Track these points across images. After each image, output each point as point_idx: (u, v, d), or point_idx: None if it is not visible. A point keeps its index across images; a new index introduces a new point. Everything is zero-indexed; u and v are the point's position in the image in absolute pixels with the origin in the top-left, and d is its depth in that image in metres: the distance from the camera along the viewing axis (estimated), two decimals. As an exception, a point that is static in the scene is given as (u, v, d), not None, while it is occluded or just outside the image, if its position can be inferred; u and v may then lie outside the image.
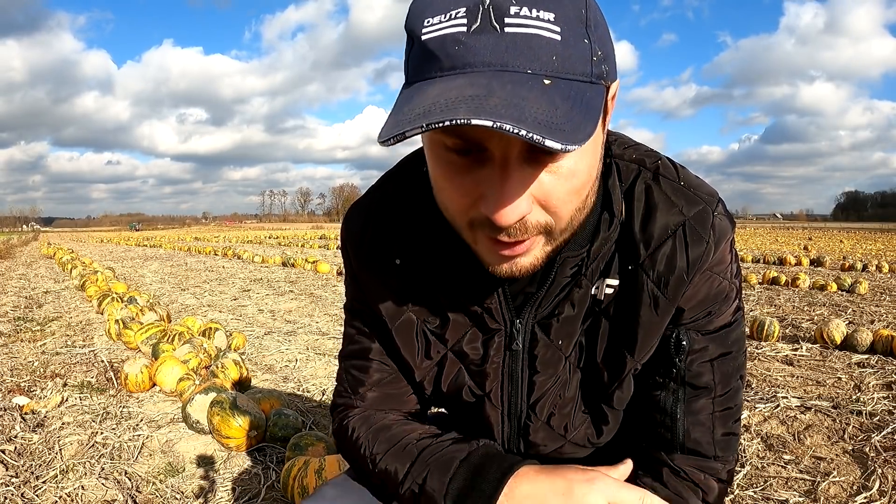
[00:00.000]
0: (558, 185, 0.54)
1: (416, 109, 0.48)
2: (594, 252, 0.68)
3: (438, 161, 0.56)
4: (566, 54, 0.49)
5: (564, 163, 0.54)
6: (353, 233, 0.79)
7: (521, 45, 0.48)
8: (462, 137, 0.52)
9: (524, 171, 0.53)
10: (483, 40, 0.48)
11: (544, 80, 0.48)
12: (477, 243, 0.60)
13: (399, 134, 0.46)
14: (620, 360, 0.72)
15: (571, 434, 0.79)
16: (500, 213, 0.53)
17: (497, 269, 0.61)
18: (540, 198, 0.55)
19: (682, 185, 0.69)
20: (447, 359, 0.77)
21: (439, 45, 0.50)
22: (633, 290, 0.69)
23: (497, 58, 0.48)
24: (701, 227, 0.67)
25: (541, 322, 0.73)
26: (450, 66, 0.49)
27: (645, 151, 0.72)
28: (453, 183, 0.56)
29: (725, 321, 0.72)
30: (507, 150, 0.51)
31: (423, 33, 0.51)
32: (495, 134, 0.50)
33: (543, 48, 0.48)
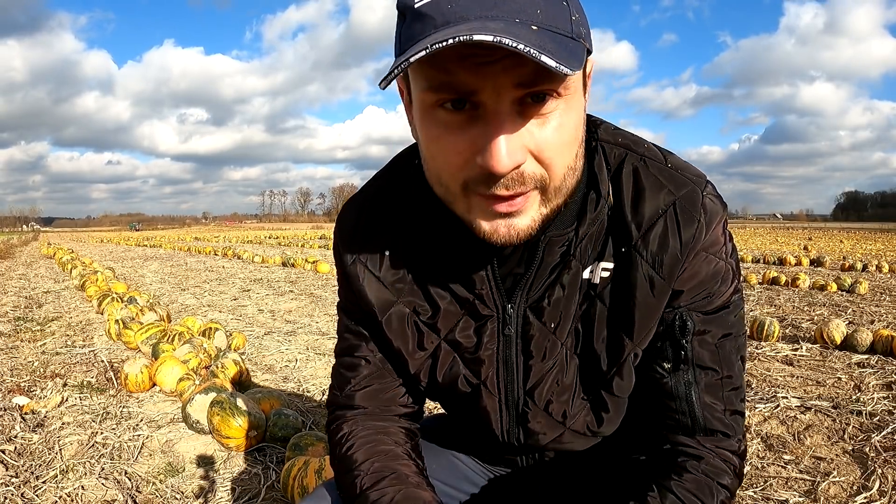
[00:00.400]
0: (550, 136, 0.57)
1: (414, 50, 0.51)
2: (581, 232, 0.69)
3: (431, 122, 0.58)
4: (548, 10, 0.54)
5: (553, 115, 0.56)
6: (345, 226, 0.80)
7: (508, 1, 0.52)
8: (456, 88, 0.54)
9: (515, 121, 0.55)
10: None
11: (532, 26, 0.52)
12: (471, 210, 0.61)
13: (403, 62, 0.50)
14: (619, 344, 0.72)
15: (570, 421, 0.79)
16: (497, 160, 0.54)
17: (494, 235, 0.61)
18: (533, 149, 0.57)
19: (669, 167, 0.70)
20: (441, 349, 0.78)
21: (433, 6, 0.54)
22: (628, 272, 0.70)
23: (487, 10, 0.52)
24: (691, 206, 0.68)
25: (532, 306, 0.73)
26: (443, 21, 0.53)
27: (631, 137, 0.74)
28: (447, 142, 0.58)
29: (724, 301, 0.72)
30: (499, 99, 0.54)
31: (416, 2, 0.54)
32: (488, 82, 0.53)
33: (528, 3, 0.53)
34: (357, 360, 0.83)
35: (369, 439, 0.80)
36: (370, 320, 0.80)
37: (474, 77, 0.53)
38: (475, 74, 0.53)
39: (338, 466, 0.81)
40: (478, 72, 0.52)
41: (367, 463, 0.77)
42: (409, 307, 0.77)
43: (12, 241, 25.82)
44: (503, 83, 0.53)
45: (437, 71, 0.54)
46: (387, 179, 0.79)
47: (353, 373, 0.83)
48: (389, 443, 0.80)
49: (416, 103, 0.60)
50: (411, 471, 0.77)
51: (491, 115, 0.54)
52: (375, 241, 0.77)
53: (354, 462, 0.78)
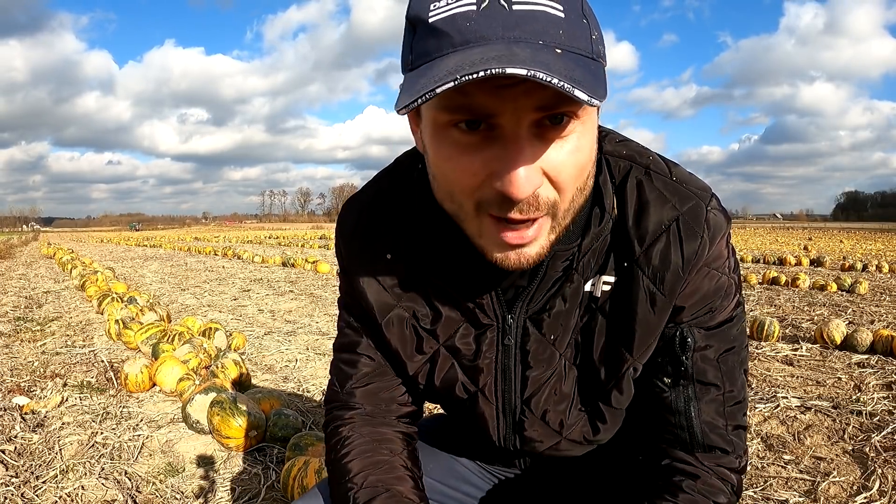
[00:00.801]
0: (566, 159, 0.55)
1: (438, 74, 0.49)
2: (585, 247, 0.68)
3: (444, 142, 0.56)
4: (570, 30, 0.52)
5: (570, 138, 0.55)
6: (346, 227, 0.79)
7: (530, 20, 0.50)
8: (473, 111, 0.52)
9: (534, 144, 0.54)
10: (493, 17, 0.50)
11: (556, 50, 0.50)
12: (482, 234, 0.60)
13: (429, 91, 0.47)
14: (618, 357, 0.72)
15: (567, 431, 0.79)
16: (516, 187, 0.53)
17: (505, 262, 0.60)
18: (550, 172, 0.55)
19: (674, 180, 0.69)
20: (440, 354, 0.77)
21: (449, 23, 0.51)
22: (629, 286, 0.69)
23: (509, 31, 0.50)
24: (695, 222, 0.67)
25: (532, 317, 0.73)
26: (462, 41, 0.50)
27: (636, 148, 0.72)
28: (460, 163, 0.56)
29: (726, 316, 0.72)
30: (518, 122, 0.52)
31: (430, 16, 0.52)
32: (508, 105, 0.51)
33: (550, 23, 0.51)
34: (358, 356, 0.83)
35: (366, 448, 0.80)
36: (370, 320, 0.80)
37: (494, 100, 0.51)
38: (495, 98, 0.51)
39: (332, 472, 0.81)
40: (498, 95, 0.51)
41: (362, 475, 0.77)
42: (409, 311, 0.76)
43: (12, 241, 25.81)
44: (523, 106, 0.51)
45: (455, 92, 0.50)
46: (388, 182, 0.79)
47: (354, 369, 0.83)
48: (385, 453, 0.80)
49: (428, 121, 0.58)
50: (407, 487, 0.77)
51: (510, 138, 0.53)
52: (377, 244, 0.76)
53: (349, 472, 0.78)
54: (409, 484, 0.77)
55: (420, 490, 0.79)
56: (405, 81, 0.54)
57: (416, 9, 0.54)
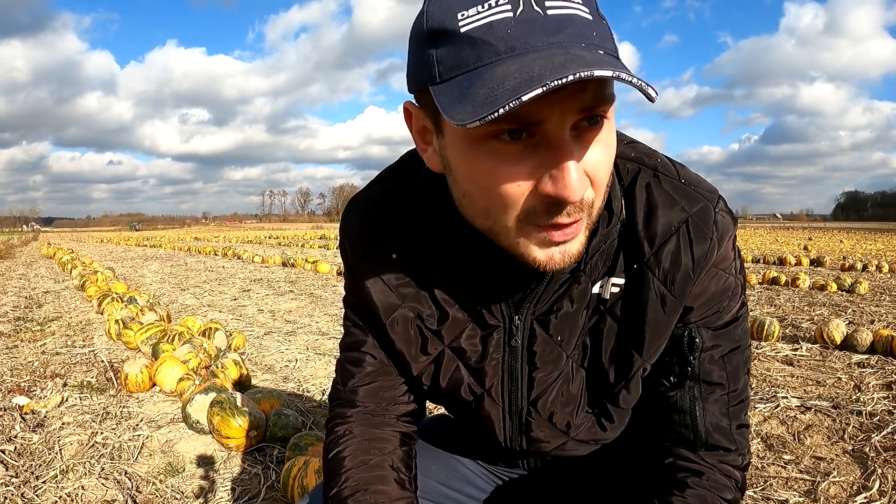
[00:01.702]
0: (600, 157, 0.56)
1: (507, 81, 0.48)
2: (592, 248, 0.68)
3: (482, 156, 0.55)
4: (600, 31, 0.52)
5: (601, 137, 0.55)
6: (351, 226, 0.79)
7: (567, 24, 0.51)
8: (521, 119, 0.51)
9: (576, 146, 0.54)
10: (533, 22, 0.50)
11: (598, 51, 0.51)
12: (524, 243, 0.59)
13: (514, 99, 0.46)
14: (628, 359, 0.72)
15: (574, 431, 0.79)
16: (571, 189, 0.53)
17: (549, 263, 0.59)
18: (591, 173, 0.56)
19: (682, 182, 0.69)
20: (444, 355, 0.77)
21: (487, 32, 0.50)
22: (639, 288, 0.69)
23: (551, 37, 0.50)
24: (704, 224, 0.67)
25: (539, 318, 0.73)
26: (507, 48, 0.50)
27: (644, 150, 0.73)
28: (503, 175, 0.55)
29: (732, 317, 0.73)
30: (563, 126, 0.52)
31: (462, 26, 0.51)
32: (555, 110, 0.51)
33: (585, 26, 0.52)
34: (362, 355, 0.83)
35: (358, 447, 0.80)
36: (375, 320, 0.80)
37: (543, 106, 0.50)
38: (545, 103, 0.49)
39: (326, 469, 0.82)
40: (546, 100, 0.49)
41: (348, 473, 0.78)
42: (414, 312, 0.76)
43: (12, 241, 25.81)
44: (568, 109, 0.51)
45: None
46: (393, 182, 0.78)
47: (358, 368, 0.83)
48: (376, 452, 0.80)
49: (458, 135, 0.56)
50: (391, 487, 0.77)
51: (555, 143, 0.52)
52: (382, 244, 0.76)
53: (340, 469, 0.79)
54: (392, 484, 0.78)
55: (405, 489, 0.79)
56: (440, 94, 0.53)
57: (440, 18, 0.52)
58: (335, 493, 0.77)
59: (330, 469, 0.81)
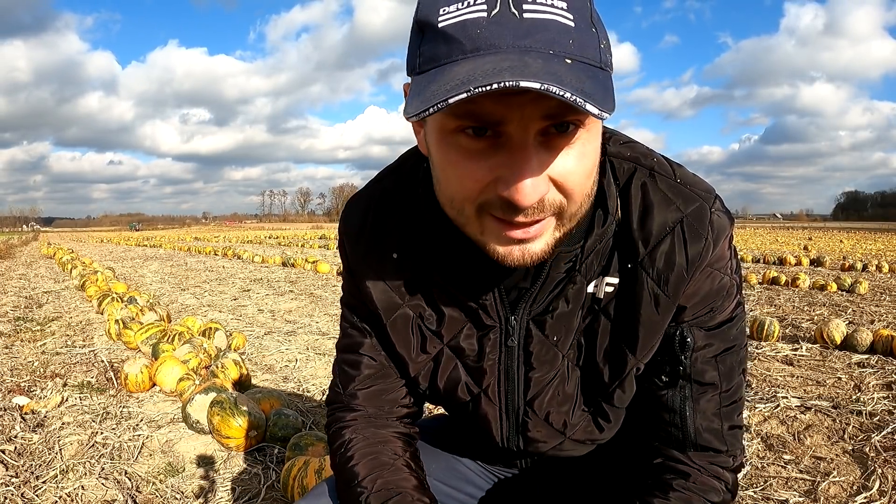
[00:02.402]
0: (572, 166, 0.55)
1: (450, 82, 0.49)
2: (588, 248, 0.68)
3: (450, 147, 0.56)
4: (580, 39, 0.51)
5: (575, 145, 0.55)
6: (351, 226, 0.79)
7: (541, 29, 0.50)
8: (481, 118, 0.52)
9: (540, 153, 0.54)
10: (504, 24, 0.50)
11: (566, 59, 0.50)
12: (484, 233, 0.60)
13: (441, 101, 0.47)
14: (622, 358, 0.72)
15: (570, 431, 0.79)
16: (523, 195, 0.53)
17: (508, 258, 0.60)
18: (557, 179, 0.55)
19: (678, 182, 0.69)
20: (443, 354, 0.78)
21: (460, 29, 0.51)
22: (633, 288, 0.69)
23: (519, 40, 0.50)
24: (699, 223, 0.67)
25: (535, 318, 0.73)
26: (472, 47, 0.50)
27: (640, 150, 0.72)
28: (466, 169, 0.56)
29: (727, 317, 0.72)
30: (526, 131, 0.52)
31: (440, 21, 0.52)
32: (516, 113, 0.51)
33: (561, 32, 0.51)
34: (360, 357, 0.82)
35: (370, 451, 0.80)
36: (374, 320, 0.80)
37: (502, 108, 0.51)
38: (503, 106, 0.51)
39: (339, 476, 0.81)
40: (506, 103, 0.50)
41: (370, 479, 0.77)
42: (414, 311, 0.76)
43: (12, 241, 25.81)
44: (530, 115, 0.51)
45: None
46: (393, 182, 0.78)
47: (356, 371, 0.83)
48: (389, 454, 0.80)
49: (434, 125, 0.58)
50: (415, 488, 0.77)
51: (517, 146, 0.53)
52: (383, 244, 0.76)
53: (357, 475, 0.78)
54: (415, 483, 0.78)
55: (426, 489, 0.79)
56: (413, 86, 0.54)
57: (426, 12, 0.53)
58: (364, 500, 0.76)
59: (344, 475, 0.80)
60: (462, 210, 0.59)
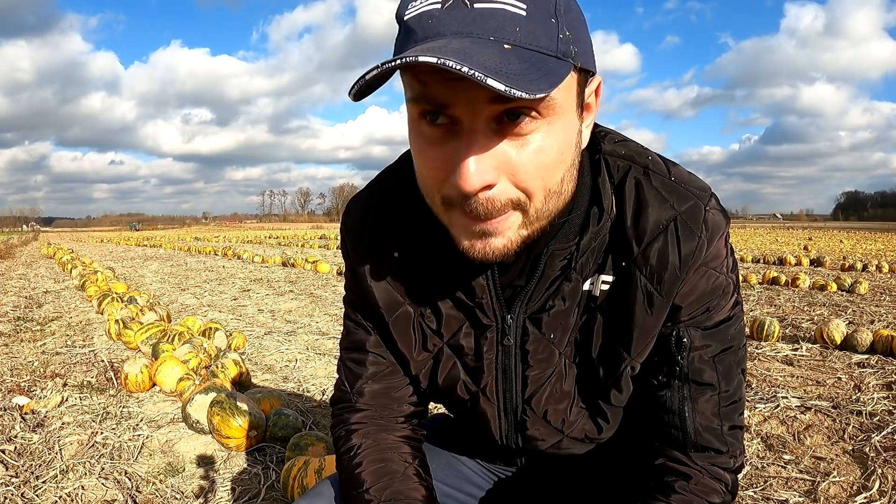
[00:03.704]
0: (527, 158, 0.55)
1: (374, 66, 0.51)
2: (583, 246, 0.68)
3: (416, 135, 0.59)
4: (530, 27, 0.52)
5: (533, 137, 0.55)
6: (352, 225, 0.79)
7: (487, 17, 0.52)
8: (430, 101, 0.54)
9: (490, 139, 0.54)
10: (453, 14, 0.52)
11: (504, 45, 0.51)
12: (452, 225, 0.61)
13: (360, 79, 0.50)
14: (616, 357, 0.72)
15: (569, 429, 0.79)
16: (465, 179, 0.54)
17: (471, 251, 0.61)
18: (508, 171, 0.56)
19: (672, 180, 0.69)
20: (443, 353, 0.78)
21: (416, 21, 0.54)
22: (627, 286, 0.69)
23: (463, 27, 0.52)
24: (693, 221, 0.67)
25: (532, 316, 0.73)
26: (423, 36, 0.53)
27: (635, 148, 0.72)
28: (428, 157, 0.58)
29: (724, 316, 0.72)
30: (474, 115, 0.53)
31: (406, 15, 0.55)
32: (461, 97, 0.53)
33: (508, 21, 0.52)
34: (365, 355, 0.83)
35: (378, 457, 0.80)
36: (377, 318, 0.80)
37: (446, 91, 0.53)
38: (449, 89, 0.52)
39: (345, 481, 0.81)
40: (449, 86, 0.52)
41: (378, 487, 0.77)
42: (416, 309, 0.77)
43: (12, 240, 25.81)
44: (476, 98, 0.52)
45: (417, 82, 0.54)
46: (393, 181, 0.79)
47: (362, 368, 0.83)
48: (398, 462, 0.80)
49: (407, 115, 0.60)
50: (421, 495, 0.77)
51: (465, 132, 0.54)
52: (384, 243, 0.76)
53: (363, 482, 0.78)
54: (423, 493, 0.78)
55: (433, 499, 0.79)
56: None
57: (400, 9, 0.57)
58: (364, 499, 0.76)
59: (350, 481, 0.79)
60: (433, 200, 0.61)
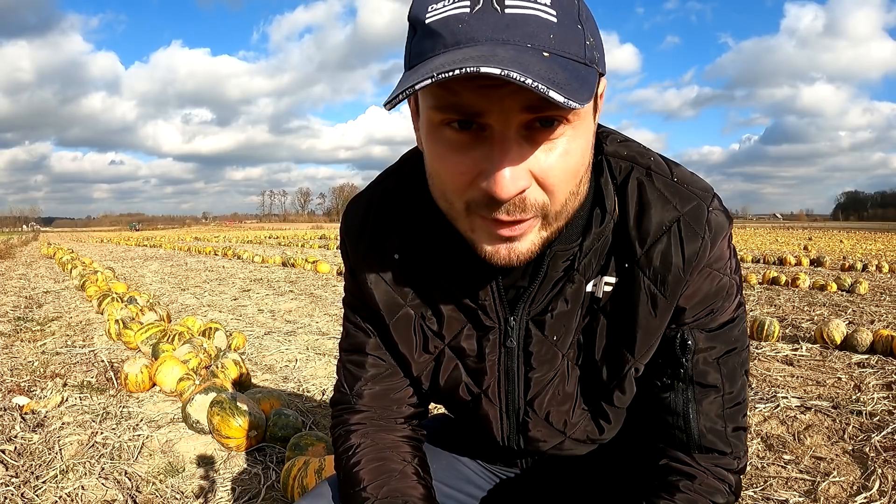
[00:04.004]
0: (555, 162, 0.56)
1: (421, 72, 0.50)
2: (586, 247, 0.68)
3: (437, 140, 0.57)
4: (562, 35, 0.52)
5: (559, 141, 0.55)
6: (353, 227, 0.79)
7: (521, 23, 0.51)
8: (462, 110, 0.53)
9: (522, 146, 0.54)
10: (485, 19, 0.51)
11: (543, 52, 0.51)
12: (474, 230, 0.60)
13: (408, 87, 0.48)
14: (620, 358, 0.72)
15: (571, 430, 0.79)
16: (500, 186, 0.53)
17: (495, 256, 0.60)
18: (538, 175, 0.56)
19: (675, 181, 0.69)
20: (445, 354, 0.77)
21: (443, 24, 0.52)
22: (630, 287, 0.69)
23: (498, 34, 0.51)
24: (696, 223, 0.67)
25: (534, 318, 0.73)
26: (453, 41, 0.52)
27: (637, 149, 0.72)
28: (451, 162, 0.57)
29: (728, 318, 0.72)
30: (506, 123, 0.53)
31: (427, 18, 0.53)
32: (495, 105, 0.52)
33: (541, 27, 0.51)
34: (365, 357, 0.82)
35: (376, 456, 0.80)
36: (377, 320, 0.80)
37: (481, 100, 0.52)
38: (482, 98, 0.52)
39: (343, 480, 0.81)
40: (485, 95, 0.51)
41: (376, 485, 0.77)
42: (416, 311, 0.76)
43: (12, 241, 25.81)
44: (510, 107, 0.52)
45: (445, 91, 0.52)
46: (394, 181, 0.78)
47: (361, 370, 0.83)
48: (397, 461, 0.80)
49: (424, 119, 0.59)
50: (419, 494, 0.77)
51: (497, 139, 0.53)
52: (385, 244, 0.76)
53: (361, 480, 0.78)
54: (421, 492, 0.77)
55: (433, 497, 0.79)
56: (403, 79, 0.55)
57: (416, 10, 0.55)
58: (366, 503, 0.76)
59: (349, 479, 0.79)
60: (452, 205, 0.60)
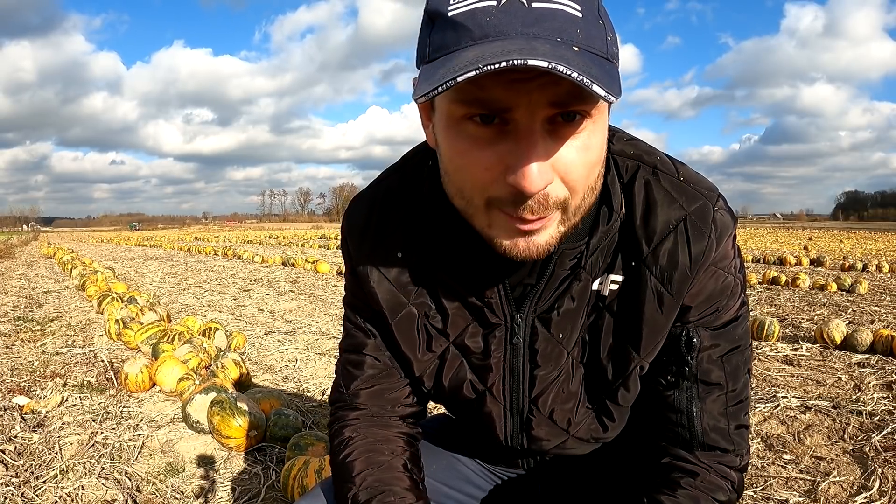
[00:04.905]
0: (576, 157, 0.56)
1: (459, 64, 0.49)
2: (593, 245, 0.68)
3: (458, 135, 0.56)
4: (587, 30, 0.52)
5: (581, 136, 0.55)
6: (355, 225, 0.79)
7: (549, 18, 0.51)
8: (488, 104, 0.53)
9: (546, 141, 0.54)
10: (513, 13, 0.51)
11: (573, 47, 0.51)
12: (492, 226, 0.60)
13: (450, 79, 0.48)
14: (625, 356, 0.72)
15: (574, 429, 0.79)
16: (529, 181, 0.53)
17: (514, 250, 0.60)
18: (560, 169, 0.55)
19: (681, 180, 0.69)
20: (449, 352, 0.77)
21: (469, 18, 0.52)
22: (636, 286, 0.69)
23: (528, 28, 0.50)
24: (702, 222, 0.67)
25: (541, 316, 0.73)
26: (482, 34, 0.51)
27: (643, 148, 0.72)
28: (474, 157, 0.56)
29: (732, 316, 0.72)
30: (532, 117, 0.53)
31: (450, 10, 0.53)
32: (523, 99, 0.51)
33: (568, 22, 0.51)
34: (363, 357, 0.82)
35: (367, 448, 0.80)
36: (379, 320, 0.80)
37: (509, 94, 0.51)
38: (510, 91, 0.51)
39: (335, 473, 0.81)
40: (513, 89, 0.51)
41: (362, 476, 0.77)
42: (420, 310, 0.76)
43: (12, 240, 25.80)
44: (537, 101, 0.52)
45: (471, 85, 0.51)
46: (397, 179, 0.78)
47: (360, 370, 0.83)
48: (387, 453, 0.80)
49: (442, 113, 0.58)
50: (406, 487, 0.77)
51: (523, 133, 0.53)
52: (387, 242, 0.76)
53: (350, 471, 0.78)
54: (407, 484, 0.77)
55: (420, 490, 0.79)
56: (422, 73, 0.55)
57: (436, 3, 0.54)
58: (352, 496, 0.76)
59: (339, 472, 0.80)
60: (471, 200, 0.59)
